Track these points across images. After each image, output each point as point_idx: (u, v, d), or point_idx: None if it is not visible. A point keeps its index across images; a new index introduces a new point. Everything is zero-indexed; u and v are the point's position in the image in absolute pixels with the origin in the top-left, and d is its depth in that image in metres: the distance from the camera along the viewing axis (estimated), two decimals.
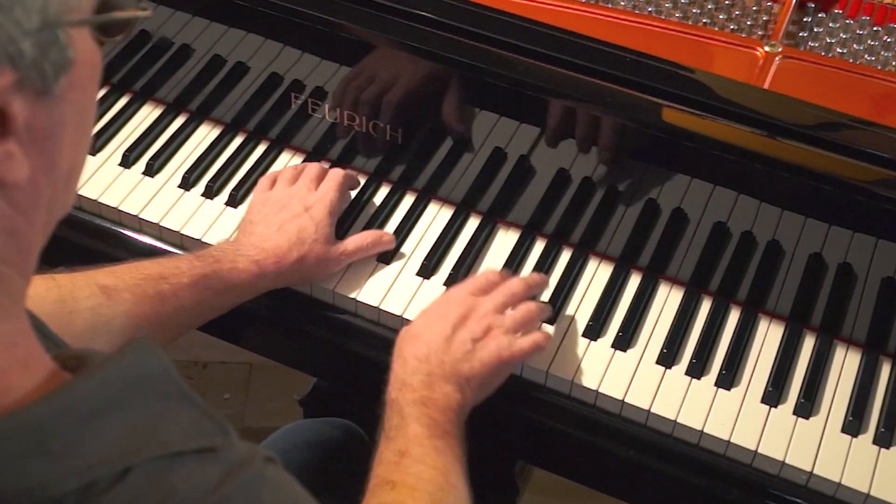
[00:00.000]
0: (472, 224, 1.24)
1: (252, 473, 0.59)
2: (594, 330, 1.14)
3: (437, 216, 1.25)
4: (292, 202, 1.15)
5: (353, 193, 1.26)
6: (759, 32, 1.27)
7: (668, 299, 1.18)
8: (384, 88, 1.20)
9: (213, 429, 0.60)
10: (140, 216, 1.24)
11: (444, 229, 1.23)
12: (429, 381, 0.98)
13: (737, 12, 1.28)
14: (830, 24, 1.27)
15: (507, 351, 1.02)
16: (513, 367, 1.06)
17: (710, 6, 1.28)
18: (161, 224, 1.23)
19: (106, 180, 1.27)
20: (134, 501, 0.55)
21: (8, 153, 0.54)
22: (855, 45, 1.25)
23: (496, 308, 1.05)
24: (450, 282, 1.18)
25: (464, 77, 1.15)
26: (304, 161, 1.29)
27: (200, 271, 1.04)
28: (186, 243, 1.21)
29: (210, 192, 1.26)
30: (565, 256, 1.21)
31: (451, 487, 0.91)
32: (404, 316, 1.15)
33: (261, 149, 1.32)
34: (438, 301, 1.07)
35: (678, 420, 1.07)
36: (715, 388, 1.11)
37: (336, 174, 1.20)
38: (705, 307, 1.17)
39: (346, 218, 1.23)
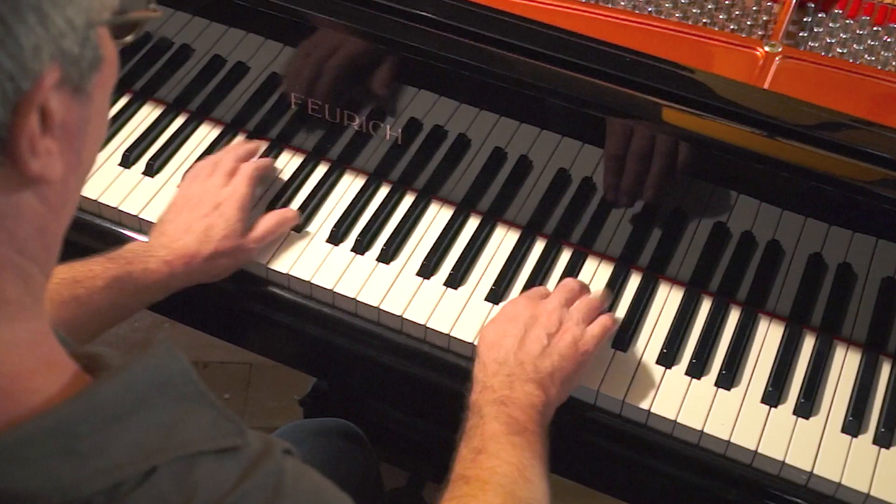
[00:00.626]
0: (472, 224, 1.24)
1: (271, 466, 0.60)
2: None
3: (437, 216, 1.25)
4: (203, 200, 1.16)
5: (352, 188, 1.26)
6: (759, 32, 1.27)
7: (668, 299, 1.18)
8: (378, 86, 1.20)
9: (231, 429, 0.61)
10: (140, 216, 1.24)
11: (444, 229, 1.23)
12: (509, 382, 0.99)
13: (737, 12, 1.28)
14: (830, 24, 1.27)
15: (583, 341, 1.04)
16: (591, 357, 1.06)
17: (710, 6, 1.28)
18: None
19: (106, 180, 1.27)
20: (159, 500, 0.56)
21: (48, 150, 0.54)
22: (855, 45, 1.25)
23: (561, 304, 1.07)
24: (450, 282, 1.18)
25: (463, 77, 1.15)
26: (303, 161, 1.30)
27: (113, 273, 1.05)
28: None
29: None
30: (565, 256, 1.21)
31: (526, 482, 0.91)
32: (404, 316, 1.15)
33: (261, 149, 1.32)
34: (505, 308, 1.09)
35: (678, 420, 1.07)
36: (715, 388, 1.11)
37: (247, 167, 1.21)
38: (705, 307, 1.17)
39: (346, 218, 1.23)
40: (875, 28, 1.26)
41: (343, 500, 0.65)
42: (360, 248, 1.21)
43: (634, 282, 1.20)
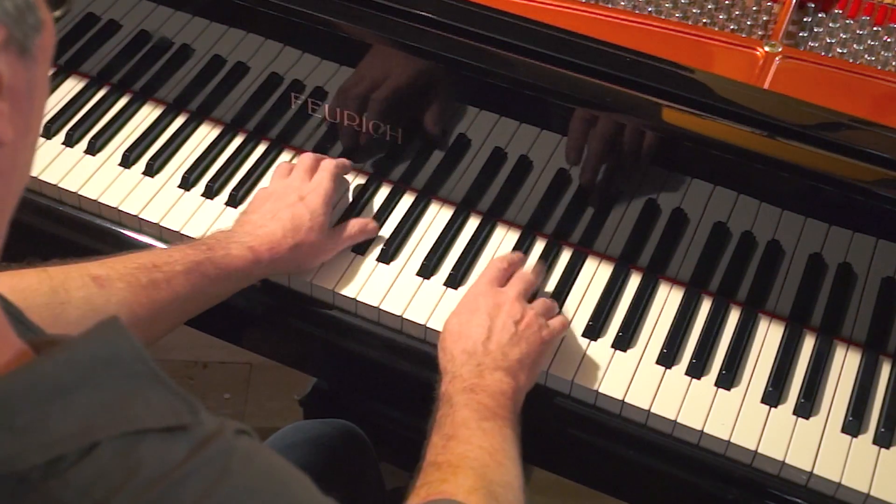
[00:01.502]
0: (472, 224, 1.24)
1: (220, 446, 0.59)
2: (594, 330, 1.14)
3: (437, 216, 1.25)
4: (287, 192, 1.16)
5: (352, 188, 1.26)
6: (759, 32, 1.27)
7: (668, 299, 1.18)
8: (378, 86, 1.20)
9: (182, 407, 0.60)
10: (140, 216, 1.24)
11: (444, 229, 1.23)
12: (479, 371, 1.00)
13: (737, 12, 1.28)
14: (830, 24, 1.27)
15: (546, 330, 1.07)
16: (552, 347, 1.10)
17: (710, 6, 1.28)
18: (161, 224, 1.23)
19: (106, 180, 1.27)
20: (100, 476, 0.55)
21: (0, 111, 0.54)
22: (855, 45, 1.25)
23: (520, 294, 1.09)
24: (450, 282, 1.18)
25: (464, 77, 1.15)
26: None
27: (193, 258, 1.04)
28: (187, 243, 1.21)
29: (210, 192, 1.26)
30: (565, 256, 1.21)
31: (498, 465, 0.92)
32: (404, 316, 1.15)
33: (261, 149, 1.32)
34: (465, 299, 1.09)
35: (678, 420, 1.07)
36: (715, 388, 1.11)
37: (329, 164, 1.21)
38: (705, 307, 1.17)
39: (347, 217, 1.23)
40: (875, 28, 1.26)
41: (300, 479, 0.64)
42: (361, 248, 1.21)
43: (634, 282, 1.20)
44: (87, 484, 0.55)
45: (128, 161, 1.30)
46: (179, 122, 1.35)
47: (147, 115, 1.36)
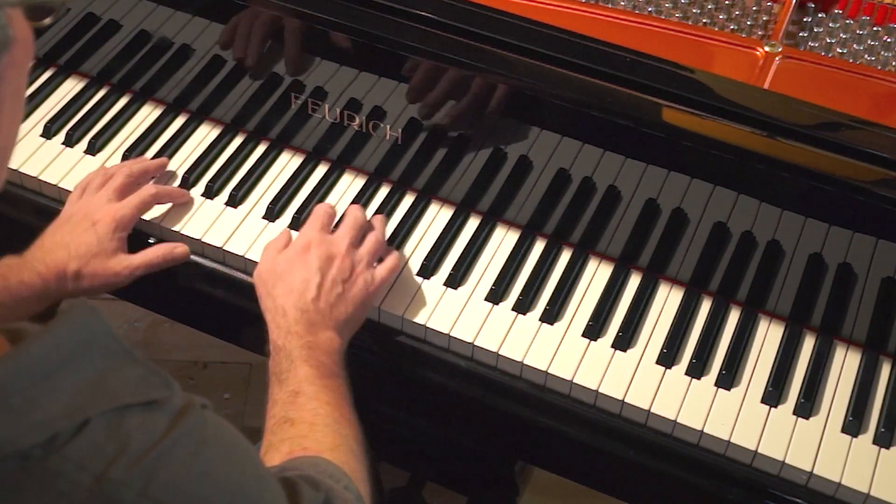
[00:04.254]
0: (472, 224, 1.24)
1: (194, 418, 0.66)
2: (594, 330, 1.14)
3: (437, 216, 1.25)
4: (83, 217, 1.15)
5: (352, 188, 1.26)
6: (759, 32, 1.27)
7: (668, 299, 1.18)
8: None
9: (157, 381, 0.66)
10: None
11: (444, 229, 1.23)
12: (312, 329, 1.04)
13: (737, 12, 1.29)
14: (830, 24, 1.27)
15: (373, 285, 1.11)
16: (377, 296, 1.14)
17: (710, 6, 1.28)
18: (161, 224, 1.23)
19: None
20: (95, 450, 0.60)
21: None
22: (855, 45, 1.25)
23: (352, 243, 1.12)
24: (450, 282, 1.18)
25: (464, 77, 1.15)
26: (303, 161, 1.29)
27: None
28: (186, 243, 1.21)
29: (210, 192, 1.26)
30: (565, 256, 1.21)
31: (346, 420, 0.98)
32: (404, 316, 1.15)
33: (261, 149, 1.32)
34: (295, 243, 1.11)
35: (678, 420, 1.07)
36: (715, 388, 1.11)
37: (146, 191, 1.19)
38: (705, 307, 1.17)
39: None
40: (875, 28, 1.26)
41: (251, 447, 0.72)
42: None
43: (634, 282, 1.19)
44: (84, 457, 0.60)
45: None
46: (179, 122, 1.35)
47: (147, 115, 1.36)
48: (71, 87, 1.38)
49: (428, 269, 1.19)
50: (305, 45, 1.22)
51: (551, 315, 1.15)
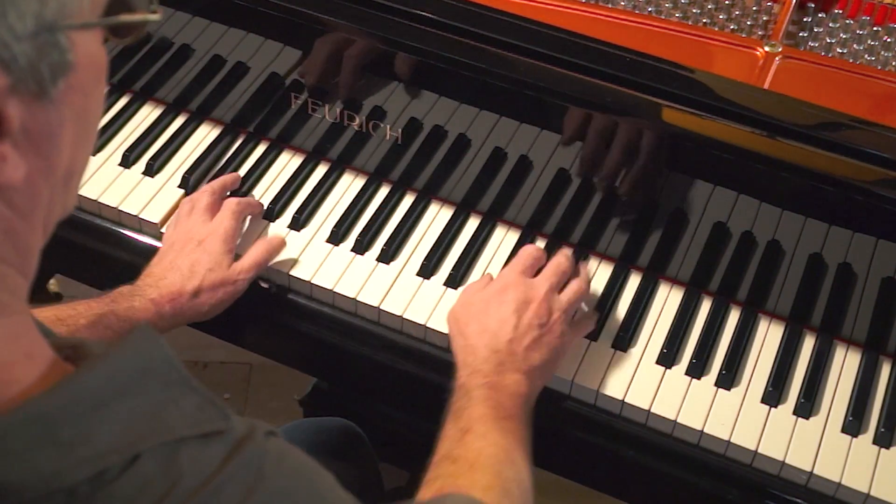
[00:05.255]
0: (472, 224, 1.24)
1: (253, 449, 0.61)
2: (594, 330, 1.14)
3: (437, 216, 1.25)
4: (187, 240, 1.14)
5: (352, 189, 1.26)
6: (759, 32, 1.27)
7: (668, 299, 1.18)
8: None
9: (215, 413, 0.61)
10: (140, 216, 1.24)
11: (444, 229, 1.23)
12: (500, 369, 1.00)
13: (737, 12, 1.28)
14: (830, 24, 1.27)
15: (568, 336, 1.07)
16: (570, 347, 1.09)
17: (710, 6, 1.28)
18: (161, 224, 1.23)
19: (106, 180, 1.27)
20: (144, 487, 0.56)
21: (2, 155, 0.54)
22: (855, 45, 1.25)
23: (552, 289, 1.08)
24: (450, 282, 1.18)
25: (463, 77, 1.15)
26: (303, 161, 1.30)
27: (97, 311, 1.04)
28: None
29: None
30: None
31: (512, 463, 0.93)
32: (404, 316, 1.15)
33: (261, 149, 1.32)
34: (495, 284, 1.09)
35: (678, 420, 1.07)
36: (715, 388, 1.11)
37: (230, 203, 1.19)
38: (705, 307, 1.17)
39: (346, 218, 1.23)
40: (875, 28, 1.26)
41: (326, 477, 0.65)
42: (360, 248, 1.21)
43: (634, 282, 1.19)
44: (131, 496, 0.56)
45: (128, 161, 1.30)
46: (179, 122, 1.35)
47: (147, 115, 1.36)
48: None
49: (428, 270, 1.19)
50: (305, 46, 1.22)
51: None
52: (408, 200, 1.26)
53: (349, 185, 1.28)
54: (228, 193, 1.24)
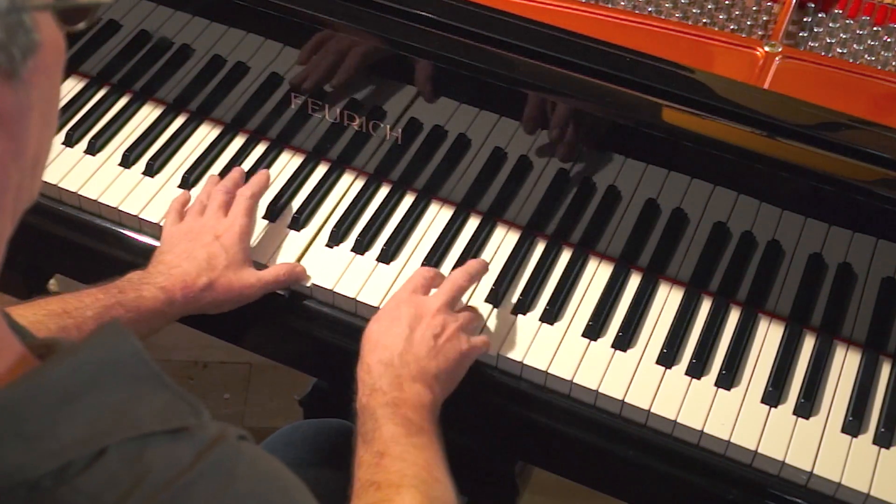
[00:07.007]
0: (472, 224, 1.24)
1: (225, 450, 0.60)
2: (594, 330, 1.14)
3: (437, 216, 1.25)
4: (202, 232, 1.14)
5: (352, 189, 1.26)
6: (759, 32, 1.27)
7: (668, 299, 1.18)
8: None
9: (186, 409, 0.60)
10: (140, 216, 1.24)
11: (444, 229, 1.23)
12: (398, 383, 0.99)
13: (737, 12, 1.29)
14: (830, 24, 1.27)
15: (467, 345, 1.05)
16: (470, 361, 1.07)
17: (710, 6, 1.28)
18: (161, 224, 1.23)
19: (106, 180, 1.27)
20: (110, 482, 0.55)
21: None
22: (855, 45, 1.25)
23: (444, 305, 1.07)
24: None
25: (463, 77, 1.15)
26: (303, 161, 1.30)
27: (104, 303, 1.03)
28: None
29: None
30: (565, 256, 1.21)
31: (436, 481, 0.92)
32: None
33: (261, 149, 1.32)
34: (386, 307, 1.08)
35: (678, 420, 1.07)
36: (715, 388, 1.11)
37: (243, 198, 1.19)
38: (705, 307, 1.17)
39: (346, 218, 1.23)
40: (875, 28, 1.26)
41: (298, 484, 0.65)
42: (360, 248, 1.21)
43: (634, 282, 1.19)
44: (97, 490, 0.55)
45: (128, 161, 1.30)
46: (179, 122, 1.35)
47: (147, 115, 1.36)
48: (71, 88, 1.38)
49: None
50: (305, 45, 1.22)
51: (551, 315, 1.15)
52: (408, 200, 1.26)
53: (349, 185, 1.28)
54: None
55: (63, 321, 1.00)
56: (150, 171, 1.29)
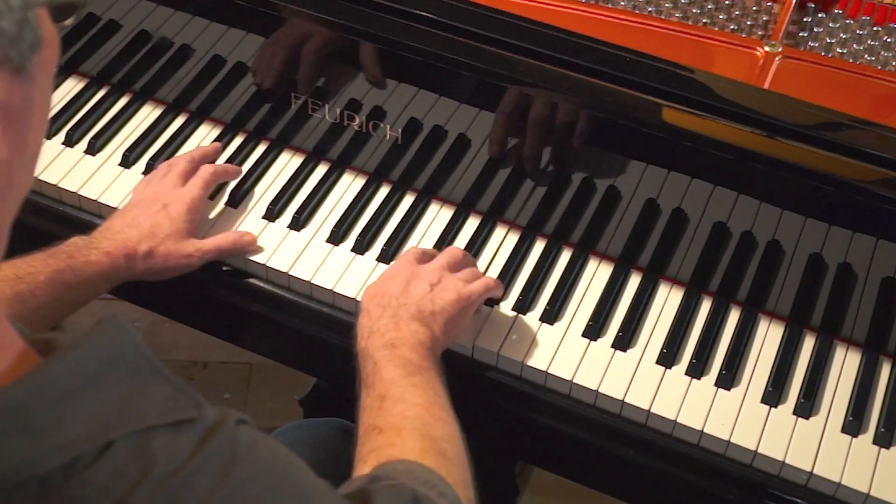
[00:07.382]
0: (472, 224, 1.24)
1: (224, 435, 0.62)
2: (594, 330, 1.14)
3: (437, 216, 1.25)
4: (154, 200, 1.16)
5: (352, 189, 1.26)
6: (759, 32, 1.27)
7: (668, 299, 1.18)
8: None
9: (186, 402, 0.62)
10: None
11: (445, 229, 1.23)
12: (395, 323, 1.01)
13: (737, 12, 1.29)
14: (830, 24, 1.27)
15: (465, 290, 1.07)
16: (473, 307, 1.09)
17: (710, 6, 1.28)
18: None
19: (106, 180, 1.27)
20: (118, 474, 0.57)
21: None
22: (855, 45, 1.25)
23: (443, 266, 1.09)
24: None
25: (463, 77, 1.15)
26: (303, 161, 1.30)
27: (55, 268, 1.05)
28: None
29: (210, 193, 1.26)
30: (565, 256, 1.21)
31: (437, 420, 0.93)
32: None
33: (261, 149, 1.32)
34: (385, 271, 1.11)
35: (678, 420, 1.07)
36: (715, 388, 1.11)
37: (205, 171, 1.21)
38: (705, 307, 1.17)
39: (346, 218, 1.23)
40: (875, 28, 1.26)
41: (298, 463, 0.67)
42: (361, 248, 1.21)
43: (634, 282, 1.19)
44: (105, 483, 0.57)
45: (128, 161, 1.30)
46: (179, 122, 1.35)
47: (147, 115, 1.36)
48: (71, 87, 1.38)
49: None
50: (304, 45, 1.22)
51: (551, 315, 1.15)
52: (408, 200, 1.26)
53: (349, 185, 1.28)
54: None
55: (17, 286, 1.02)
56: (150, 171, 1.29)
